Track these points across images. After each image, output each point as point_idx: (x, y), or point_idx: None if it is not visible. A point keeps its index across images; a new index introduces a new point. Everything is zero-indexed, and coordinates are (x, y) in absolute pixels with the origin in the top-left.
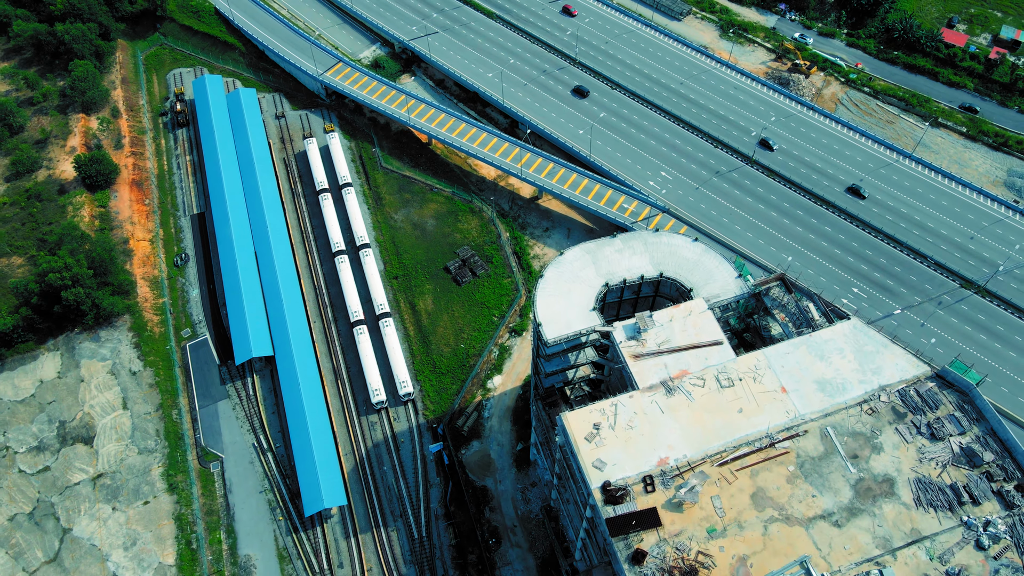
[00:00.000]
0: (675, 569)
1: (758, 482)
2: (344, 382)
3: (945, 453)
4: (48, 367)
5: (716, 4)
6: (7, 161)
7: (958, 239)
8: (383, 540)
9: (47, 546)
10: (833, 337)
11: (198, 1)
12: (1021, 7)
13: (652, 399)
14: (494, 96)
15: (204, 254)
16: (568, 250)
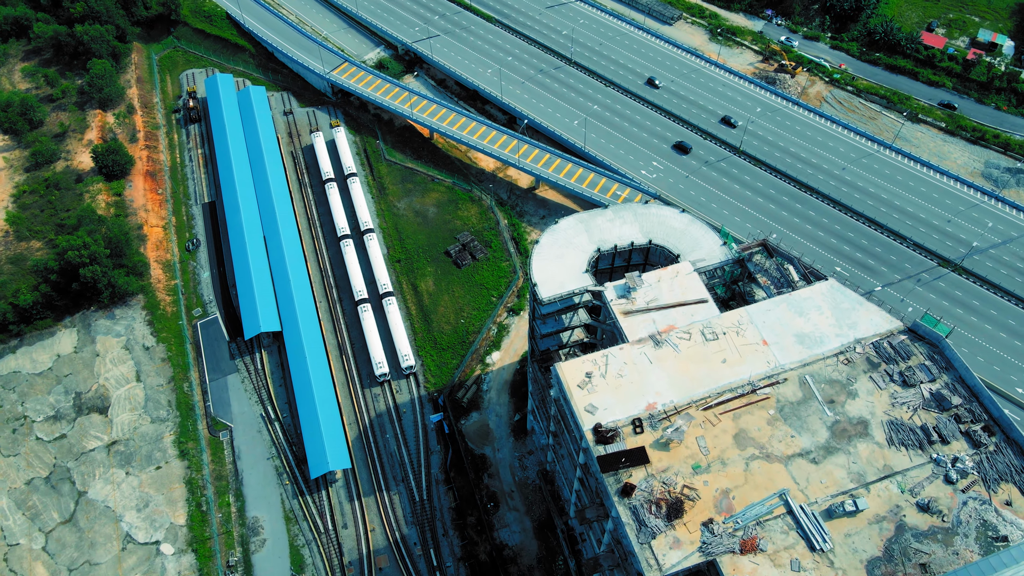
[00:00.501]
0: (662, 501)
1: (740, 424)
2: (348, 356)
3: (916, 398)
4: (65, 342)
5: (706, 10)
6: (27, 152)
7: (936, 222)
8: (386, 502)
9: (63, 508)
10: (811, 296)
11: (210, 6)
12: (998, 12)
13: (641, 351)
14: (493, 93)
15: (215, 240)
16: (563, 219)
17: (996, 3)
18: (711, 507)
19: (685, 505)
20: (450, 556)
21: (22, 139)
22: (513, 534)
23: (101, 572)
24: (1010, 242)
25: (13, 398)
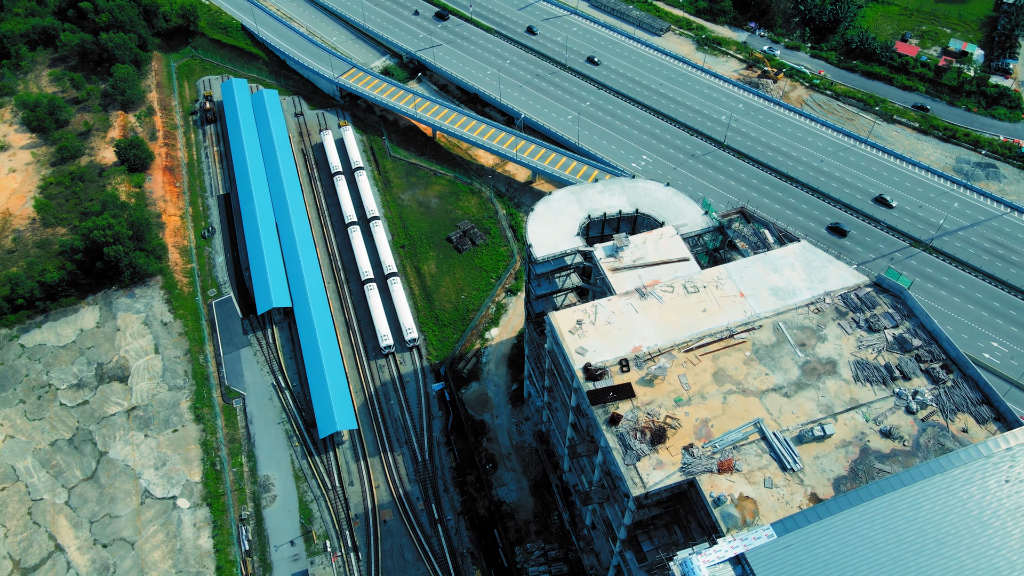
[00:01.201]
0: (646, 429)
1: (719, 364)
2: (355, 332)
3: (880, 342)
4: (88, 318)
5: (692, 22)
6: (53, 149)
7: (908, 208)
8: (390, 462)
9: (85, 466)
10: (785, 255)
11: (226, 19)
12: (968, 24)
13: (628, 302)
14: (492, 95)
15: (229, 228)
16: (556, 191)
17: (967, 16)
18: (691, 434)
19: (668, 433)
20: (451, 511)
21: (49, 136)
22: (510, 492)
23: (121, 524)
24: (977, 225)
25: (38, 368)
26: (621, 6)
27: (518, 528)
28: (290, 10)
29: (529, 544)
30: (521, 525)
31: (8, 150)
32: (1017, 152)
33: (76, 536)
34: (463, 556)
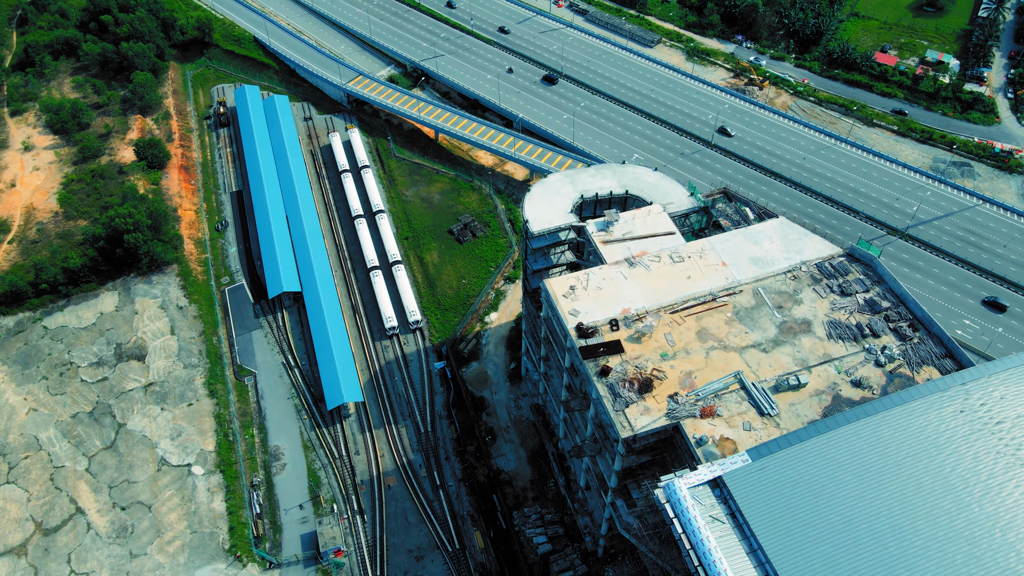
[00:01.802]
0: (634, 380)
1: (702, 324)
2: (361, 315)
3: (852, 304)
4: (107, 302)
5: (682, 35)
6: (75, 149)
7: (885, 200)
8: (394, 434)
9: (104, 437)
10: (764, 229)
11: (239, 31)
12: (944, 37)
13: (617, 270)
14: (492, 100)
15: (241, 222)
16: (552, 174)
17: (943, 29)
18: (676, 384)
19: (654, 383)
20: (452, 477)
21: (71, 138)
22: (508, 461)
23: (138, 488)
24: (950, 215)
25: (60, 347)
26: (615, 20)
27: (516, 494)
28: (300, 24)
29: (526, 509)
30: (519, 491)
31: (32, 150)
32: (991, 152)
33: (96, 499)
34: (463, 518)
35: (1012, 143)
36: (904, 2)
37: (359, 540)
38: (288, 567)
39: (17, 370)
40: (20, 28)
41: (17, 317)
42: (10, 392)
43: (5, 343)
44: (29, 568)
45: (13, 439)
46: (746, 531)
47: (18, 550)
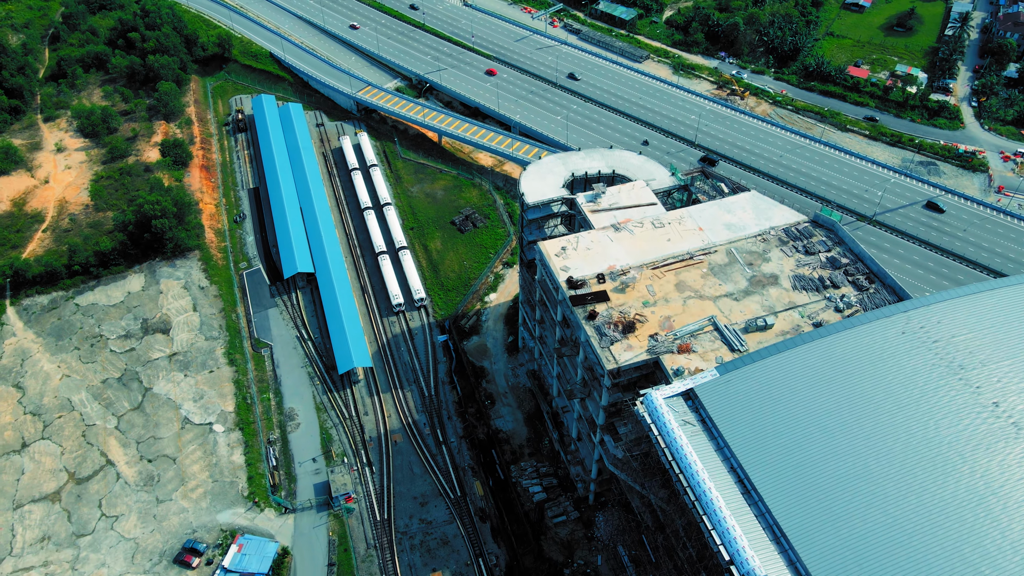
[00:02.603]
0: (619, 322)
1: (680, 277)
2: (369, 295)
3: (815, 261)
4: (134, 283)
5: (669, 52)
6: (104, 150)
7: (855, 192)
8: (400, 397)
9: (132, 399)
10: (737, 200)
11: (256, 48)
12: (913, 53)
13: (604, 234)
14: (491, 108)
15: (258, 215)
16: (545, 156)
17: (912, 47)
18: (656, 326)
19: (636, 326)
20: (453, 435)
21: (100, 140)
22: (506, 422)
23: (164, 444)
24: (912, 204)
25: (91, 322)
26: (606, 39)
27: (513, 451)
28: (312, 42)
29: (523, 463)
30: (516, 448)
31: (64, 151)
32: (956, 153)
33: (125, 453)
34: (464, 470)
35: (975, 145)
36: (876, 23)
37: (368, 488)
38: (302, 512)
39: (51, 341)
40: (52, 45)
41: (51, 295)
42: (44, 361)
43: (40, 318)
44: (62, 512)
45: (47, 401)
46: (714, 432)
47: (52, 496)
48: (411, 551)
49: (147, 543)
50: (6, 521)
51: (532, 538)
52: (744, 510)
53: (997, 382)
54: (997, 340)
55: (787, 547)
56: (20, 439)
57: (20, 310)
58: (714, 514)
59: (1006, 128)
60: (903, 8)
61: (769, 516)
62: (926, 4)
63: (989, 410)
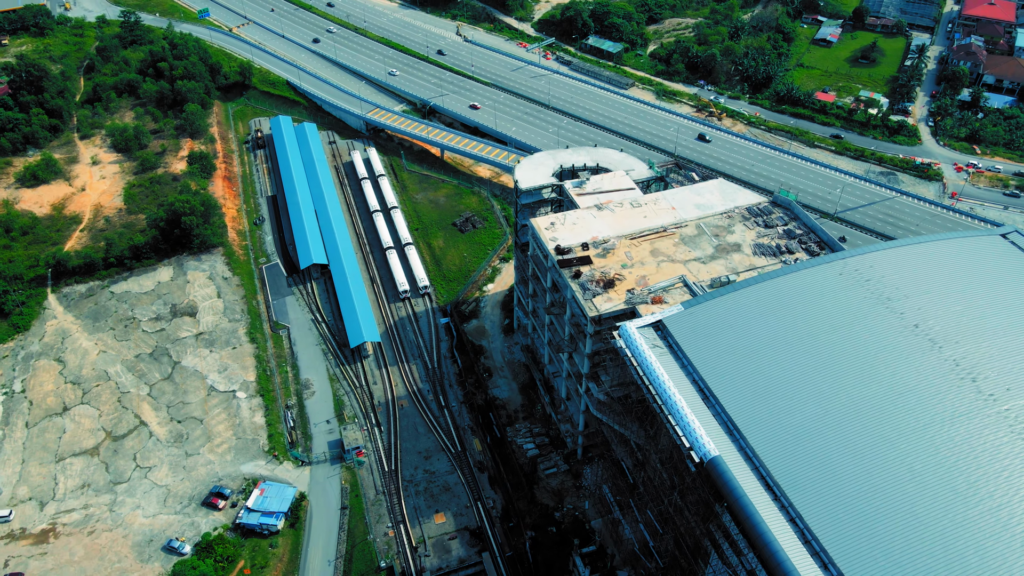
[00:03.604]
0: (600, 281)
1: (655, 246)
2: (378, 284)
3: (773, 232)
4: (164, 274)
5: (653, 80)
6: (136, 163)
7: (820, 194)
8: (406, 369)
9: (162, 371)
10: (707, 185)
11: (274, 77)
12: (876, 82)
13: (588, 212)
14: (490, 126)
15: (276, 219)
16: (536, 153)
17: (875, 76)
18: (633, 283)
19: (616, 283)
20: (454, 401)
21: (132, 155)
22: (502, 391)
23: (192, 407)
24: (872, 204)
25: (125, 307)
26: (595, 69)
27: (508, 415)
28: (325, 72)
29: (517, 424)
30: (511, 413)
31: (99, 164)
32: (913, 165)
33: (156, 415)
34: (464, 430)
35: (931, 158)
36: (842, 56)
37: (377, 445)
38: (317, 464)
39: (88, 323)
40: (87, 74)
41: (88, 284)
42: (83, 339)
43: (79, 303)
44: (101, 464)
45: (86, 372)
46: (679, 353)
47: (91, 451)
48: (416, 496)
49: (177, 489)
50: (49, 472)
51: (526, 486)
52: (703, 410)
53: (918, 310)
54: (919, 279)
55: (737, 436)
56: (62, 404)
57: (60, 297)
58: (677, 413)
59: (960, 144)
60: (867, 43)
61: (723, 414)
62: (888, 39)
63: (910, 330)
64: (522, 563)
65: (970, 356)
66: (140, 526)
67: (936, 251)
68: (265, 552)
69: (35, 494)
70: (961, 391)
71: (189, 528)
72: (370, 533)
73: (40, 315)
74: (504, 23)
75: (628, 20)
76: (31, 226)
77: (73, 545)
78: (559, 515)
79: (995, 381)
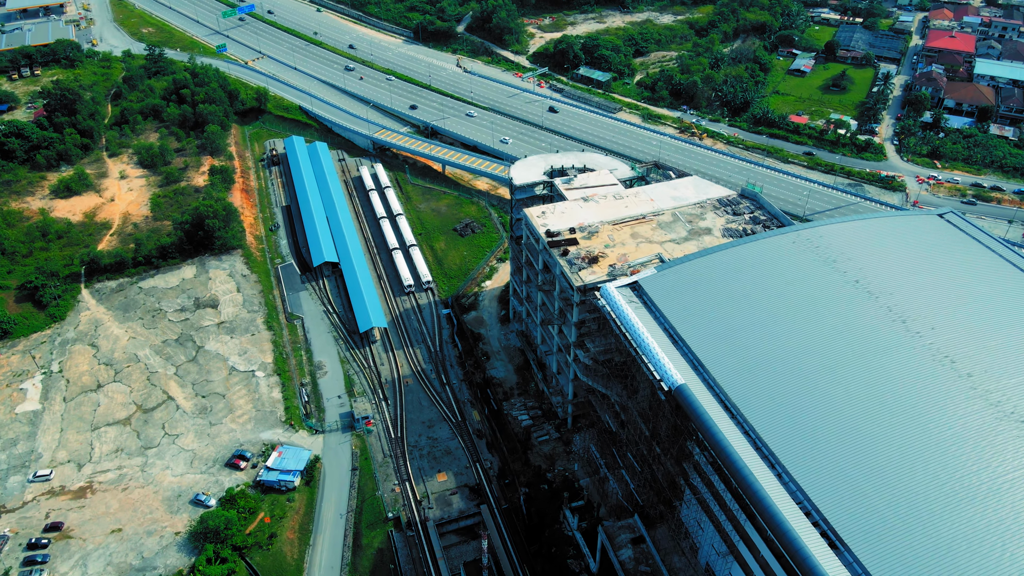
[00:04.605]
0: (585, 258)
1: (634, 230)
2: (385, 281)
3: (741, 219)
4: (188, 272)
5: (639, 105)
6: (160, 177)
7: (791, 200)
8: (411, 353)
9: (187, 354)
10: (682, 182)
11: (288, 103)
12: (846, 107)
13: (576, 203)
14: (487, 144)
15: (289, 225)
16: (529, 156)
17: (845, 102)
18: (615, 259)
19: (599, 259)
20: (455, 379)
21: (157, 170)
22: (499, 372)
23: (215, 385)
24: (837, 208)
25: (152, 300)
26: (585, 95)
27: (504, 392)
28: (335, 100)
29: (513, 399)
30: (507, 390)
31: (127, 178)
32: (879, 177)
33: (182, 391)
34: (464, 403)
35: (895, 171)
36: (815, 84)
37: (384, 416)
38: (330, 433)
39: (119, 313)
40: (114, 101)
41: (119, 280)
42: (114, 327)
43: (110, 297)
44: (132, 432)
45: (118, 355)
46: (652, 307)
47: (123, 422)
48: (420, 459)
49: (203, 453)
50: (86, 439)
51: (520, 451)
52: (672, 350)
53: (859, 269)
54: (862, 246)
55: (702, 370)
56: (96, 382)
57: (93, 291)
58: (649, 352)
59: (922, 159)
60: (838, 72)
61: (690, 354)
62: (857, 70)
63: (851, 285)
64: (517, 515)
65: (902, 304)
66: (169, 484)
67: (879, 225)
68: (283, 505)
69: (73, 457)
70: (893, 330)
71: (214, 485)
72: (378, 490)
73: (75, 307)
74: (501, 56)
75: (616, 52)
76: (66, 230)
77: (109, 500)
78: (551, 475)
79: (922, 322)
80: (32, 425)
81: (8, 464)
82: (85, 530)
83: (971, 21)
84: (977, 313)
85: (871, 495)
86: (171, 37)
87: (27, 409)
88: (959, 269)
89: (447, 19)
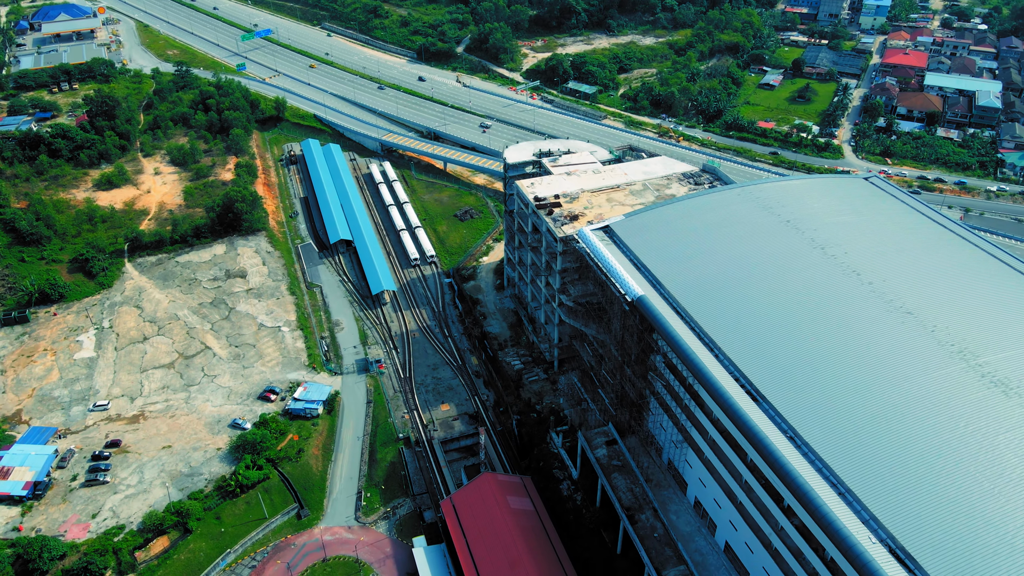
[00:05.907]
0: (567, 216)
1: (610, 196)
2: (393, 256)
3: (701, 188)
4: (219, 249)
5: (622, 114)
6: (191, 173)
7: None
8: (417, 313)
9: (221, 314)
10: (653, 160)
11: (303, 112)
12: (810, 115)
13: (560, 176)
14: (484, 145)
15: (307, 212)
16: (521, 142)
17: (809, 110)
18: (592, 217)
19: (579, 217)
20: (456, 333)
21: (187, 167)
22: (494, 328)
23: (246, 337)
24: None
25: (188, 271)
26: (573, 105)
27: (499, 344)
28: (345, 109)
29: (507, 349)
30: (501, 343)
31: (161, 174)
32: (835, 172)
33: (218, 343)
34: (464, 351)
35: (851, 167)
36: (783, 96)
37: (394, 361)
38: (347, 374)
39: (160, 282)
40: (146, 111)
41: (158, 256)
42: (156, 292)
43: (150, 269)
44: (176, 373)
45: (160, 315)
46: (619, 243)
47: (168, 366)
48: (426, 393)
49: (238, 389)
50: (136, 379)
51: (513, 388)
52: (635, 273)
53: (792, 212)
54: (796, 197)
55: (659, 287)
56: (142, 335)
57: (135, 264)
58: (615, 273)
59: (875, 157)
60: (803, 85)
61: (650, 275)
62: (821, 84)
63: (784, 224)
64: (510, 436)
65: (822, 234)
66: (210, 412)
67: (812, 184)
68: (308, 429)
69: (126, 392)
70: (814, 252)
71: (248, 413)
72: (390, 417)
73: (120, 277)
74: (497, 73)
75: (602, 68)
76: (109, 216)
77: (159, 424)
78: (539, 407)
79: (838, 247)
80: (89, 368)
81: (71, 398)
82: (140, 447)
83: (924, 40)
84: (877, 234)
85: (782, 359)
86: (194, 58)
87: (84, 356)
88: (874, 212)
89: (447, 41)
